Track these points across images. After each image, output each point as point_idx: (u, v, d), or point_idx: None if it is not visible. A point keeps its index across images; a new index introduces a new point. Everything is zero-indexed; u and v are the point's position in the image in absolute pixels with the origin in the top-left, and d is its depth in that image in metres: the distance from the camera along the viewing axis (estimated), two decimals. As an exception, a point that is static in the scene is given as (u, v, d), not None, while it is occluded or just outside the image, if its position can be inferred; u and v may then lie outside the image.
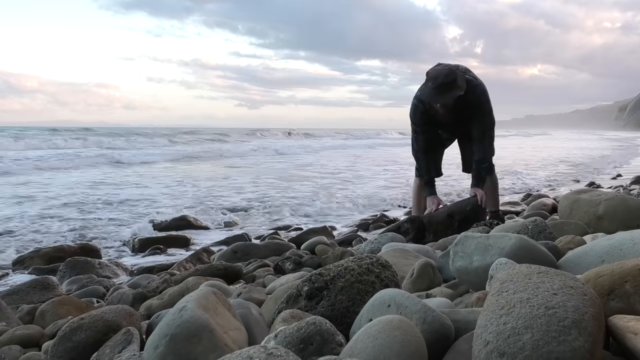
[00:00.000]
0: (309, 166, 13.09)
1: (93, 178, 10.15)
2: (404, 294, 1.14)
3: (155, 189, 8.31)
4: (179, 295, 2.19)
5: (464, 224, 3.09)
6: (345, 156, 17.68)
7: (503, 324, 0.83)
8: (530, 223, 1.88)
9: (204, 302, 1.20)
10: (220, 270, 2.72)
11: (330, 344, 1.05)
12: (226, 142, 26.79)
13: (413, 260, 1.90)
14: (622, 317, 0.91)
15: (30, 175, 10.56)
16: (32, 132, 31.32)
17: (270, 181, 9.42)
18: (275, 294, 1.77)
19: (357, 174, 10.89)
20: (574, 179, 9.73)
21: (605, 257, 1.32)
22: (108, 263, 3.79)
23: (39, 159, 13.57)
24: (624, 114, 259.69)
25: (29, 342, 1.87)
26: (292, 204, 6.61)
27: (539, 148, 24.04)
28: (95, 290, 2.96)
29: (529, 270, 0.96)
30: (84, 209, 6.37)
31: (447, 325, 1.07)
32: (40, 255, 4.07)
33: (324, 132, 47.23)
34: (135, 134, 28.45)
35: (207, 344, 1.11)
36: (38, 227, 5.23)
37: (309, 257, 2.98)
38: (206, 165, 14.13)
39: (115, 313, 1.49)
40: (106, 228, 5.27)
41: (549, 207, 4.00)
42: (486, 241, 1.44)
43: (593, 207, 2.26)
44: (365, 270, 1.37)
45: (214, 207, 6.43)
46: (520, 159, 15.07)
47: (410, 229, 3.14)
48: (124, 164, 13.77)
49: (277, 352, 0.85)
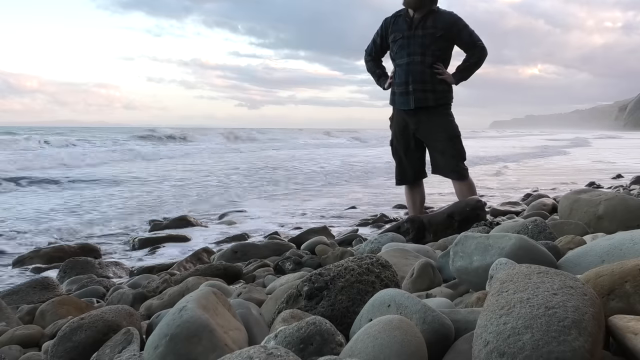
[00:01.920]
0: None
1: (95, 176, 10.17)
2: (404, 294, 1.14)
3: (159, 187, 8.33)
4: (179, 295, 2.19)
5: (464, 224, 3.09)
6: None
7: (503, 324, 0.83)
8: (530, 223, 1.88)
9: (204, 302, 1.20)
10: (220, 270, 2.72)
11: (330, 344, 1.05)
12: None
13: (413, 260, 1.90)
14: (622, 317, 0.91)
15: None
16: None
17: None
18: (275, 294, 1.77)
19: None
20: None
21: (605, 257, 1.32)
22: (108, 263, 3.80)
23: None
24: (624, 114, 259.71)
25: (29, 342, 1.87)
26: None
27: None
28: (95, 290, 2.96)
29: (529, 270, 0.96)
30: (83, 208, 6.38)
31: (447, 325, 1.07)
32: (40, 255, 4.08)
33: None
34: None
35: (207, 344, 1.11)
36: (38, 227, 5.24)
37: (309, 257, 2.98)
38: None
39: (115, 313, 1.49)
40: (106, 228, 5.27)
41: (549, 207, 3.99)
42: (486, 241, 1.44)
43: (593, 207, 2.26)
44: (365, 270, 1.37)
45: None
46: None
47: (410, 229, 3.13)
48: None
49: (277, 352, 0.85)
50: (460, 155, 3.74)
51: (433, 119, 3.72)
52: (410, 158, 3.87)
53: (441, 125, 3.72)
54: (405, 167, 3.91)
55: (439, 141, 3.73)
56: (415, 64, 3.66)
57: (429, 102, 3.68)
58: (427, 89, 3.67)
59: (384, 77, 3.94)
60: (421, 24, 3.65)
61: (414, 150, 3.85)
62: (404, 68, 3.70)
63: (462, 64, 3.77)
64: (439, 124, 3.72)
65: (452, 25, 3.67)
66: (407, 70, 3.68)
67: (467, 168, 3.77)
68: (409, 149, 3.86)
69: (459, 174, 3.73)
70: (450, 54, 3.79)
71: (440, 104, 3.72)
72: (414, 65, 3.66)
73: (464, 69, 3.76)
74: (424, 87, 3.67)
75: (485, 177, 10.16)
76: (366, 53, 4.04)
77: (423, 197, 4.03)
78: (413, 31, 3.67)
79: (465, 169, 3.75)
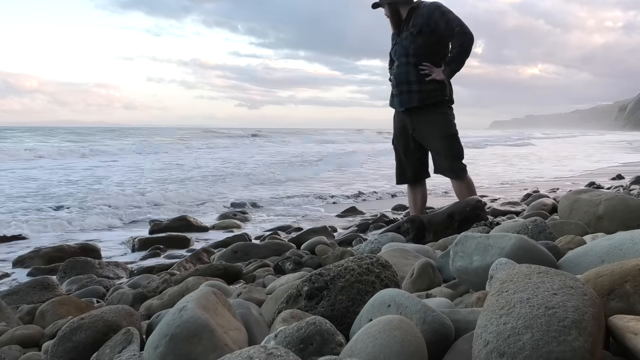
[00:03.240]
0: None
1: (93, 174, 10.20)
2: (404, 294, 1.14)
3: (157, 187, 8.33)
4: (179, 295, 2.19)
5: (464, 224, 3.09)
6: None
7: (503, 324, 0.83)
8: (530, 223, 1.88)
9: (204, 302, 1.20)
10: (220, 270, 2.72)
11: (330, 344, 1.05)
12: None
13: (413, 260, 1.90)
14: (622, 317, 0.91)
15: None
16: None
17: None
18: (275, 294, 1.77)
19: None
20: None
21: (605, 257, 1.32)
22: (108, 263, 3.79)
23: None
24: (624, 114, 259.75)
25: (29, 342, 1.87)
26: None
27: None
28: (95, 290, 2.96)
29: (529, 270, 0.96)
30: (83, 207, 6.38)
31: (447, 325, 1.07)
32: (40, 255, 4.08)
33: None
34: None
35: (207, 344, 1.11)
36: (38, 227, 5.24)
37: (309, 257, 2.98)
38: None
39: (115, 313, 1.49)
40: (106, 228, 5.28)
41: (549, 207, 3.99)
42: (486, 241, 1.44)
43: (593, 207, 2.26)
44: (365, 270, 1.37)
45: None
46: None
47: (410, 229, 3.13)
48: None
49: (277, 352, 0.85)
50: (457, 154, 3.72)
51: (427, 119, 3.72)
52: (410, 158, 3.88)
53: (435, 125, 3.71)
54: (405, 167, 3.92)
55: (434, 140, 3.73)
56: (401, 66, 3.70)
57: (414, 102, 3.67)
58: (412, 89, 3.67)
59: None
60: (405, 26, 3.69)
61: (414, 150, 3.86)
62: (394, 71, 3.78)
63: (449, 57, 3.68)
64: (432, 124, 3.71)
65: (429, 19, 3.60)
66: (396, 74, 3.75)
67: (464, 167, 3.73)
68: (408, 149, 3.87)
69: (455, 173, 3.71)
70: (439, 47, 3.68)
71: (430, 104, 3.68)
72: (400, 68, 3.71)
73: (451, 61, 3.65)
74: (409, 87, 3.68)
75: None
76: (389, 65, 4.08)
77: (425, 197, 4.03)
78: (400, 36, 3.72)
79: (462, 168, 3.71)
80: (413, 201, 3.99)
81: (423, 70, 3.65)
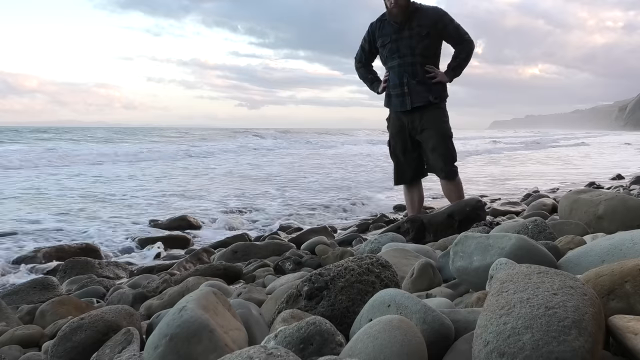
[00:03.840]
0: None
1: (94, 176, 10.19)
2: (404, 294, 1.14)
3: (154, 187, 8.33)
4: (179, 295, 2.19)
5: (464, 224, 3.09)
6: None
7: (503, 324, 0.83)
8: (530, 223, 1.88)
9: (204, 302, 1.20)
10: (220, 270, 2.72)
11: (330, 344, 1.05)
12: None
13: (413, 260, 1.90)
14: (622, 317, 0.91)
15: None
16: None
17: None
18: (275, 294, 1.77)
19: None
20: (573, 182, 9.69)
21: (605, 257, 1.32)
22: (108, 263, 3.79)
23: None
24: (624, 114, 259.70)
25: (29, 342, 1.87)
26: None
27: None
28: (95, 290, 2.96)
29: (529, 270, 0.96)
30: (83, 207, 6.38)
31: (447, 325, 1.07)
32: (40, 255, 4.07)
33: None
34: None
35: (207, 344, 1.11)
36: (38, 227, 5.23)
37: (309, 257, 2.97)
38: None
39: (115, 313, 1.49)
40: (106, 228, 5.27)
41: (549, 207, 4.00)
42: (486, 241, 1.44)
43: (593, 207, 2.26)
44: (365, 270, 1.37)
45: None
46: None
47: (410, 229, 3.13)
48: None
49: (277, 352, 0.85)
50: (450, 155, 3.78)
51: (427, 117, 3.76)
52: (408, 158, 3.90)
53: (435, 123, 3.76)
54: (403, 168, 3.94)
55: (431, 138, 3.76)
56: (407, 65, 3.71)
57: (426, 99, 3.71)
58: (420, 88, 3.71)
59: (376, 82, 3.99)
60: (407, 25, 3.69)
61: (411, 150, 3.88)
62: (397, 70, 3.75)
63: (453, 61, 3.81)
64: (432, 122, 3.75)
65: (437, 22, 3.70)
66: (400, 72, 3.73)
67: (456, 169, 3.81)
68: (406, 149, 3.89)
69: (447, 172, 3.77)
70: (439, 51, 3.81)
71: (436, 103, 3.75)
72: (407, 66, 3.71)
73: (456, 66, 3.80)
74: (417, 86, 3.71)
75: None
76: (356, 60, 4.09)
77: (422, 197, 4.06)
78: (400, 34, 3.71)
79: (453, 169, 3.78)
80: (410, 201, 4.01)
81: (429, 73, 3.72)
